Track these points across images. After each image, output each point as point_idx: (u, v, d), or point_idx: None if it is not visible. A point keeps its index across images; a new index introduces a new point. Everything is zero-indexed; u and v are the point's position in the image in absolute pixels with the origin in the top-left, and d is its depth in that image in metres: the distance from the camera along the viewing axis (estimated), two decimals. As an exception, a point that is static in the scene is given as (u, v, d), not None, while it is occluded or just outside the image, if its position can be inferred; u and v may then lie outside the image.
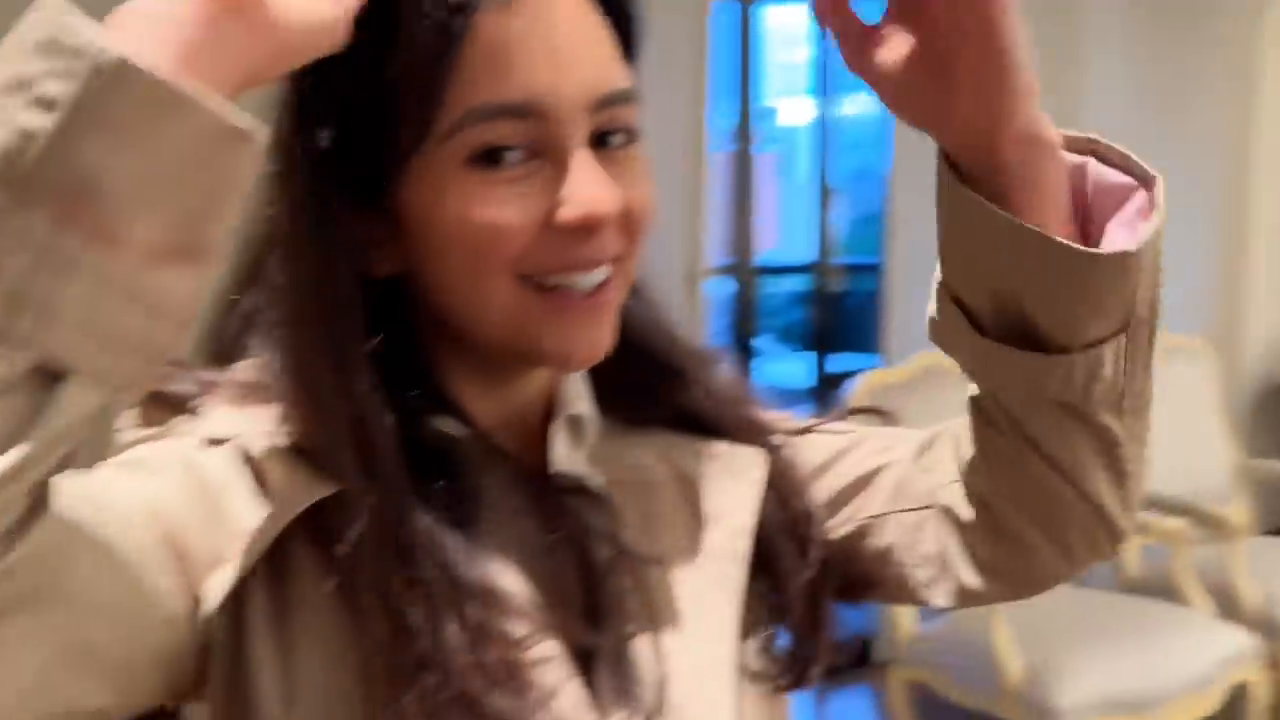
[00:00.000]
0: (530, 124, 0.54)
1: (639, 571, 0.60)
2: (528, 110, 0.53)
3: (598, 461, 0.62)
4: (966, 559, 0.64)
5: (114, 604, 0.48)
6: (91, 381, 0.39)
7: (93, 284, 0.38)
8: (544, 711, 0.53)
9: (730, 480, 0.64)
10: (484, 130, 0.53)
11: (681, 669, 0.58)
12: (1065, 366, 0.55)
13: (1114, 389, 0.56)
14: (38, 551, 0.41)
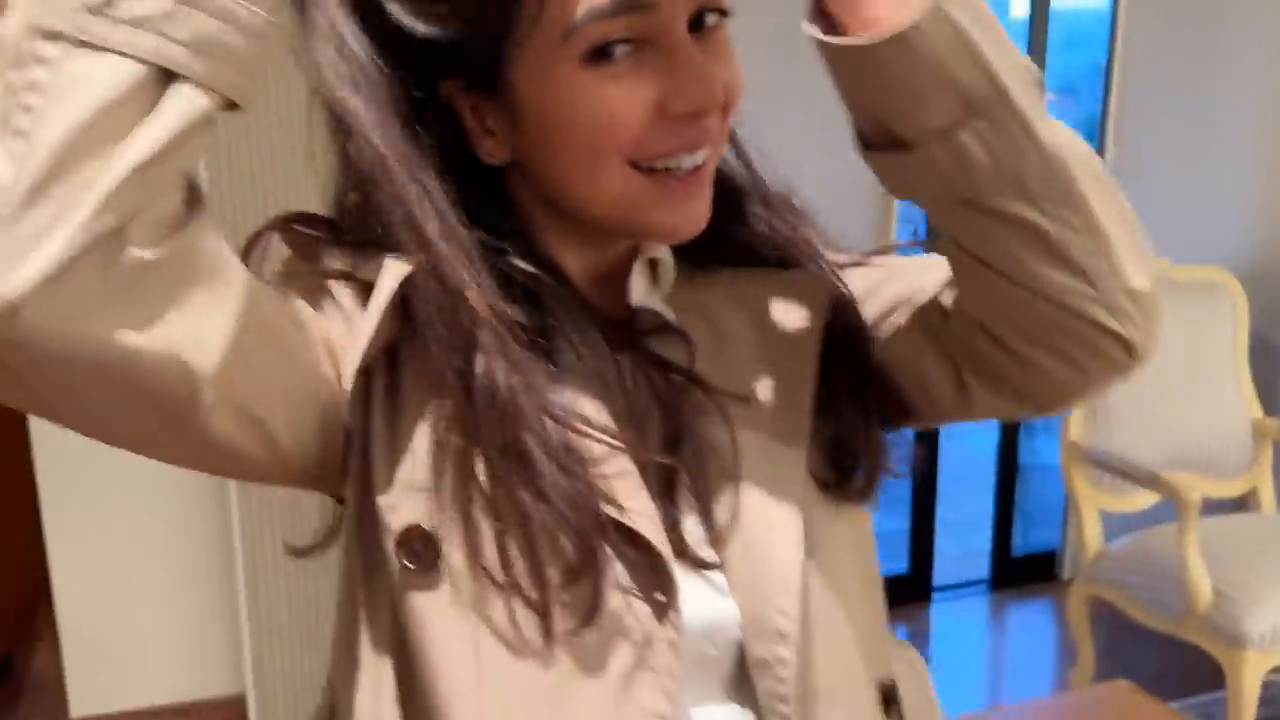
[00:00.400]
0: (642, 17, 0.57)
1: (712, 399, 0.64)
2: (645, 4, 0.57)
3: (674, 303, 0.67)
4: (980, 374, 0.66)
5: (288, 347, 0.56)
6: (201, 86, 0.47)
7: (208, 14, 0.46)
8: (611, 507, 0.58)
9: (795, 306, 0.68)
10: (603, 26, 0.56)
11: (751, 489, 0.63)
12: (928, 159, 0.56)
13: (1000, 173, 0.55)
14: (204, 246, 0.49)
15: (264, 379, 0.54)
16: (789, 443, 0.65)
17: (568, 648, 0.58)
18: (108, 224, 0.45)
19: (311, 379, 0.58)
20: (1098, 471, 2.54)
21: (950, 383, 0.68)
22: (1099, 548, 2.53)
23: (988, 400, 0.67)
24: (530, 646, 0.58)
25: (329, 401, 0.59)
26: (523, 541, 0.57)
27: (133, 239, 0.46)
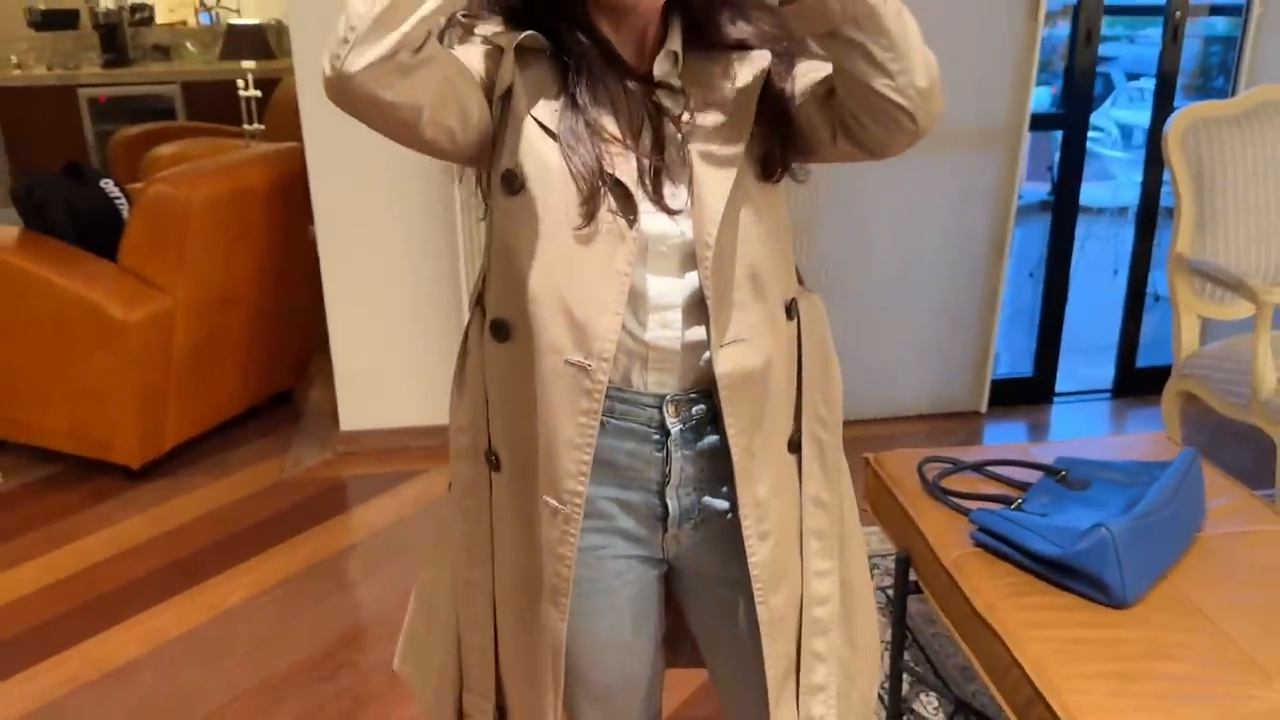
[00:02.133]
0: None
1: (691, 126, 1.10)
2: None
3: (686, 71, 1.12)
4: (846, 133, 1.09)
5: (465, 80, 1.05)
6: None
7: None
8: (609, 168, 1.06)
9: (749, 66, 1.12)
10: None
11: (703, 169, 1.10)
12: (808, 7, 0.97)
13: (844, 14, 0.96)
14: (432, 52, 0.97)
15: (451, 105, 1.03)
16: (732, 145, 1.10)
17: (580, 236, 1.07)
18: (399, 45, 0.92)
19: (475, 102, 1.06)
20: (1200, 281, 2.83)
21: (828, 134, 1.10)
22: (1194, 348, 2.85)
23: (847, 149, 1.10)
24: (562, 233, 1.08)
25: (483, 115, 1.08)
26: (567, 182, 1.07)
27: (405, 52, 0.94)
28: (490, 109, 1.08)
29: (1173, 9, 3.33)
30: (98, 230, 3.12)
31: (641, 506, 1.20)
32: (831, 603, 1.27)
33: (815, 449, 1.28)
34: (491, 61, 1.09)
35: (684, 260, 1.12)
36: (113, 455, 3.07)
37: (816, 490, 1.27)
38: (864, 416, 3.52)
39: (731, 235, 1.11)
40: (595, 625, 1.23)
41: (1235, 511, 1.89)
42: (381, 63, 0.92)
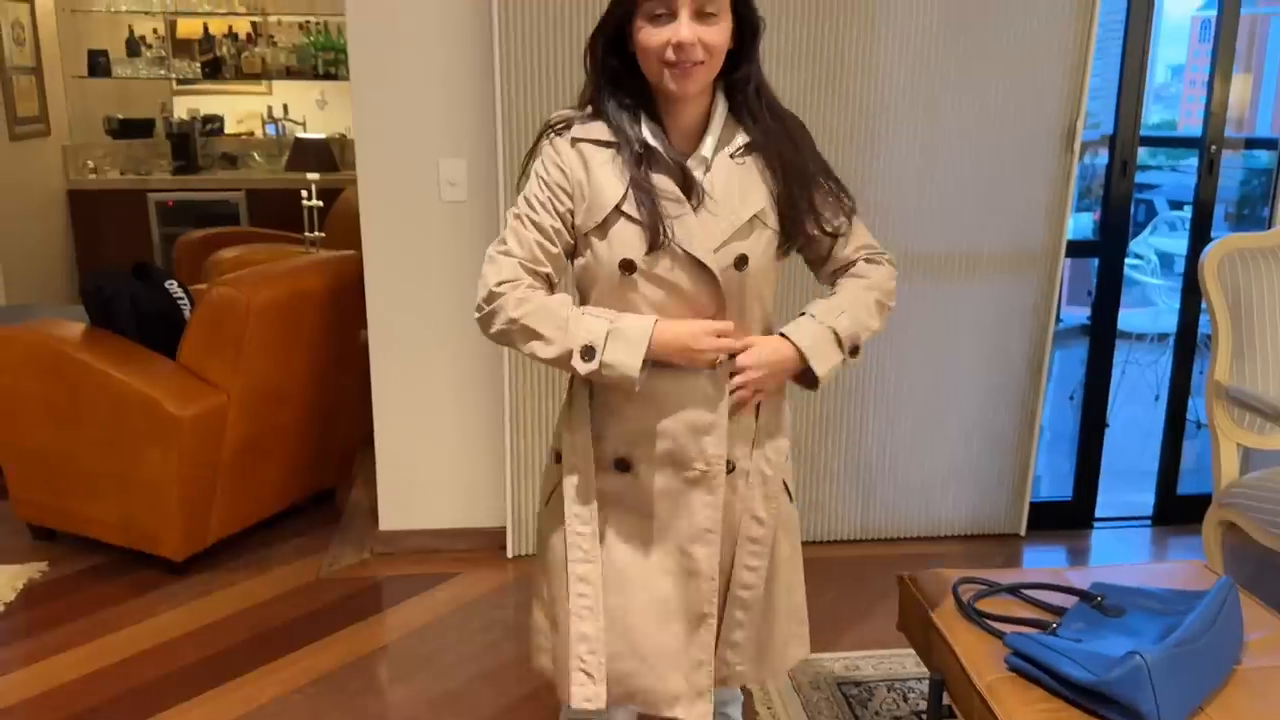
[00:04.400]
0: (667, 2, 1.42)
1: (696, 190, 1.50)
2: (670, 12, 1.42)
3: (719, 162, 1.52)
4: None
5: (562, 251, 1.53)
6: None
7: (596, 368, 1.45)
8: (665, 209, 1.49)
9: (756, 197, 1.54)
10: (653, 4, 1.42)
11: (719, 222, 1.51)
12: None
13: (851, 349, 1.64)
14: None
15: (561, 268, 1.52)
16: (743, 207, 1.51)
17: (641, 279, 1.48)
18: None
19: (564, 252, 1.54)
20: (1240, 410, 2.84)
21: (814, 255, 1.63)
22: (1234, 477, 2.84)
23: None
24: (624, 281, 1.47)
25: (569, 246, 1.55)
26: (630, 239, 1.46)
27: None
28: (570, 231, 1.53)
29: (1208, 142, 3.41)
30: (160, 328, 3.24)
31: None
32: (755, 590, 1.63)
33: (759, 479, 1.63)
34: (559, 203, 1.51)
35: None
36: (158, 548, 3.13)
37: (754, 508, 1.62)
38: (901, 534, 3.51)
39: (749, 273, 1.56)
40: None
41: (1275, 644, 1.86)
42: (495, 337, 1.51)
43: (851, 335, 1.60)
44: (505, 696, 2.58)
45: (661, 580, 1.56)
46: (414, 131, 3.09)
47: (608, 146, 1.49)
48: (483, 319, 1.49)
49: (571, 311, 1.48)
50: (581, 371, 1.45)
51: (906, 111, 3.15)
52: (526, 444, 3.26)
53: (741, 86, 1.51)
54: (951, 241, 3.28)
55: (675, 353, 1.47)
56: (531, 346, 1.47)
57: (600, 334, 1.44)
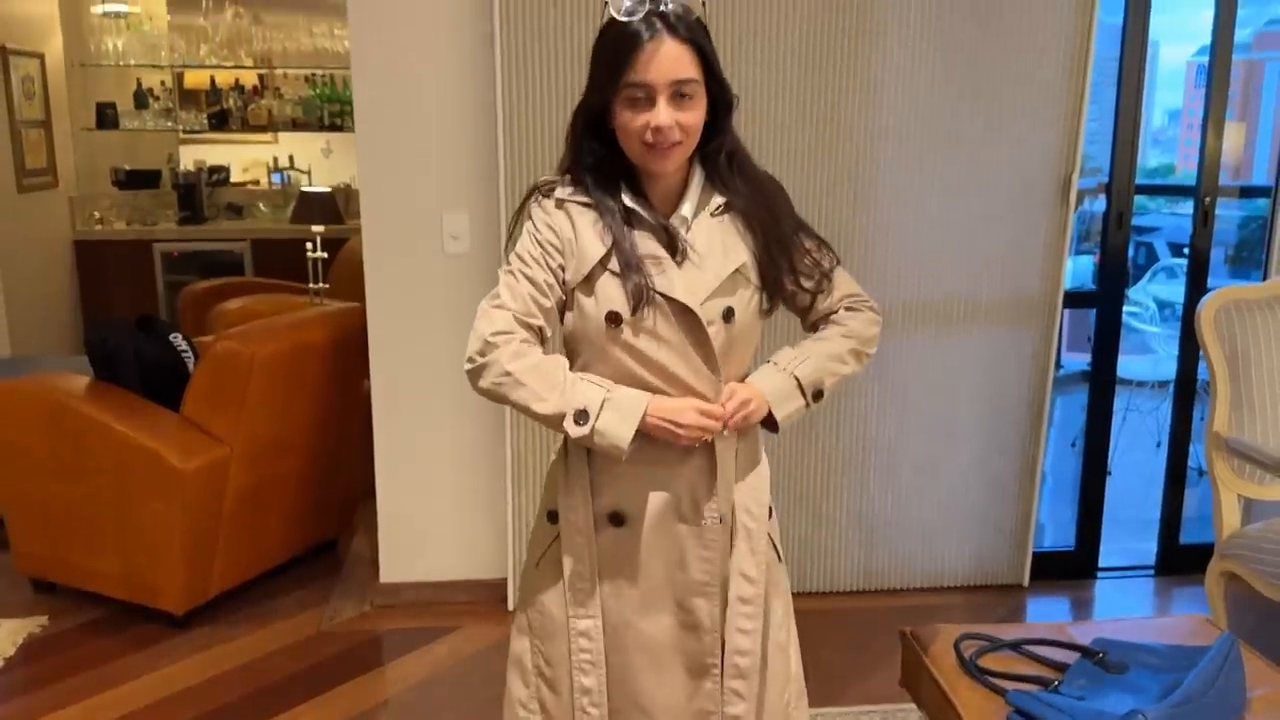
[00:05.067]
0: (646, 88, 1.45)
1: (681, 247, 1.54)
2: (647, 82, 1.44)
3: (700, 221, 1.57)
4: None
5: (553, 306, 1.54)
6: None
7: (587, 433, 1.48)
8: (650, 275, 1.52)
9: (735, 254, 1.57)
10: (632, 89, 1.45)
11: (704, 275, 1.54)
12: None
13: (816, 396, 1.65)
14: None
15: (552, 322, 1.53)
16: (724, 265, 1.55)
17: (628, 332, 1.50)
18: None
19: (556, 306, 1.55)
20: (1240, 461, 2.84)
21: (797, 308, 1.68)
22: (1235, 528, 2.83)
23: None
24: (610, 334, 1.51)
25: (560, 300, 1.56)
26: (616, 293, 1.50)
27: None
28: (561, 287, 1.54)
29: (1202, 193, 3.45)
30: (164, 381, 3.26)
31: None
32: (751, 656, 1.58)
33: (744, 533, 1.60)
34: (551, 259, 1.53)
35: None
36: (159, 602, 3.13)
37: (742, 566, 1.58)
38: (904, 585, 3.50)
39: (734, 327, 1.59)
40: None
41: (1278, 702, 1.86)
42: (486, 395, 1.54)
43: (814, 381, 1.62)
44: (506, 753, 2.56)
45: (660, 636, 1.56)
46: (418, 185, 3.13)
47: (591, 208, 1.53)
48: (474, 370, 1.50)
49: (568, 374, 1.49)
50: (573, 435, 1.47)
51: (902, 162, 3.19)
52: (528, 496, 3.26)
53: (714, 156, 1.55)
54: (949, 290, 3.30)
55: (664, 429, 1.49)
56: (524, 401, 1.48)
57: (596, 401, 1.46)
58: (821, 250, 1.65)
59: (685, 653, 1.58)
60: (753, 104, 3.04)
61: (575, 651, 1.56)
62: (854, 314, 1.69)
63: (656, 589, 1.56)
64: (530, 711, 1.63)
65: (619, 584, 1.56)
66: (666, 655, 1.57)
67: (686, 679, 1.58)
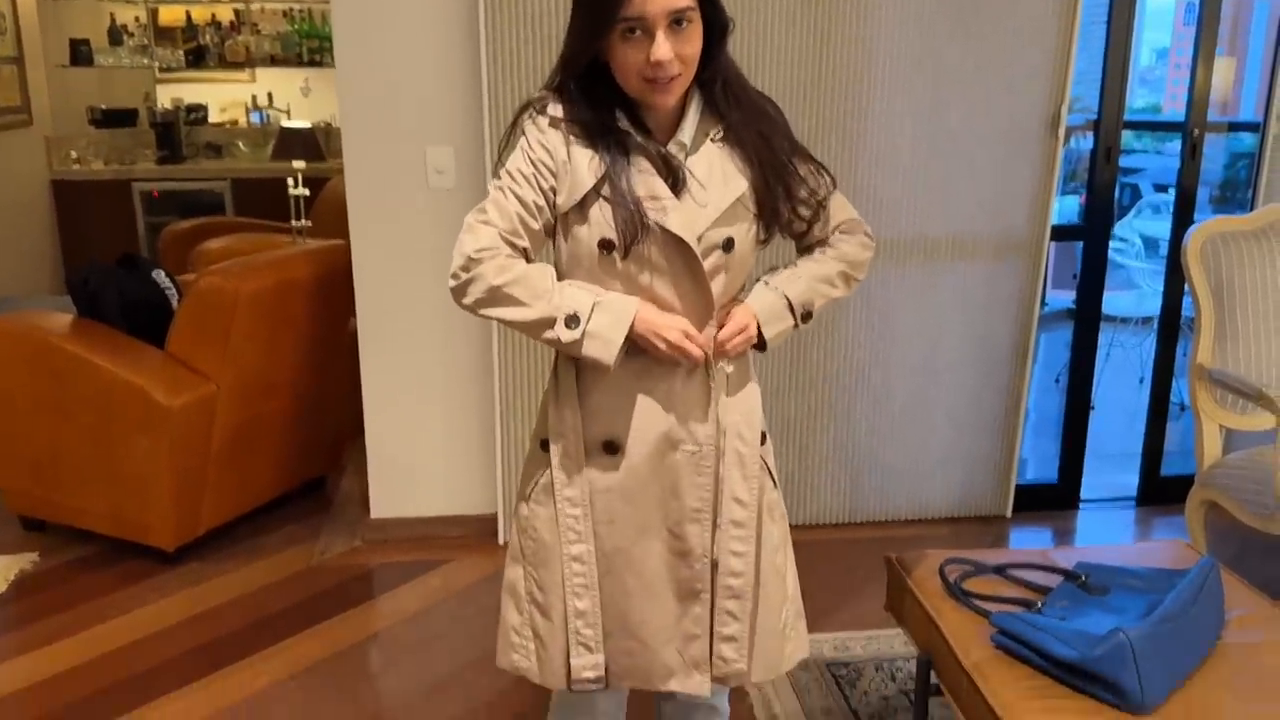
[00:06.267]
0: (642, 21, 1.39)
1: (684, 173, 1.51)
2: (644, 15, 1.39)
3: (693, 145, 1.53)
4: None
5: (536, 236, 1.52)
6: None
7: (578, 337, 1.48)
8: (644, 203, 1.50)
9: (735, 184, 1.55)
10: (628, 24, 1.40)
11: (704, 205, 1.52)
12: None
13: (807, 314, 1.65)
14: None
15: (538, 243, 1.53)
16: (725, 193, 1.53)
17: (622, 260, 1.49)
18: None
19: (544, 229, 1.53)
20: (1222, 391, 2.87)
21: (793, 233, 1.67)
22: (1216, 458, 2.87)
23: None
24: (603, 260, 1.49)
25: (548, 223, 1.54)
26: (609, 220, 1.47)
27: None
28: (551, 210, 1.52)
29: (1190, 126, 3.44)
30: (148, 319, 3.24)
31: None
32: (744, 577, 1.60)
33: (736, 458, 1.59)
34: (543, 179, 1.50)
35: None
36: (149, 538, 3.14)
37: (734, 490, 1.58)
38: (888, 518, 3.54)
39: (732, 255, 1.59)
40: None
41: (1255, 621, 1.90)
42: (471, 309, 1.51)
43: (804, 302, 1.62)
44: (500, 680, 2.60)
45: (651, 562, 1.58)
46: (401, 119, 3.09)
47: (585, 131, 1.49)
48: (459, 286, 1.48)
49: (555, 282, 1.49)
50: (564, 339, 1.46)
51: (891, 99, 3.16)
52: (517, 431, 3.27)
53: (711, 83, 1.52)
54: (937, 228, 3.29)
55: (650, 337, 1.48)
56: (510, 313, 1.46)
57: (586, 304, 1.46)
58: (819, 175, 1.64)
59: (676, 578, 1.59)
60: (740, 47, 3.00)
61: (569, 576, 1.57)
62: (848, 238, 1.68)
63: (649, 516, 1.57)
64: (524, 638, 1.64)
65: (612, 511, 1.57)
66: (657, 581, 1.59)
67: (675, 603, 1.60)
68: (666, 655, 1.59)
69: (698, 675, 1.60)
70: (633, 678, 1.60)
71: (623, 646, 1.59)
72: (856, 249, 1.68)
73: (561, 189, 1.50)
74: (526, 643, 1.64)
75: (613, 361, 1.47)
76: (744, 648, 1.62)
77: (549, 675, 1.61)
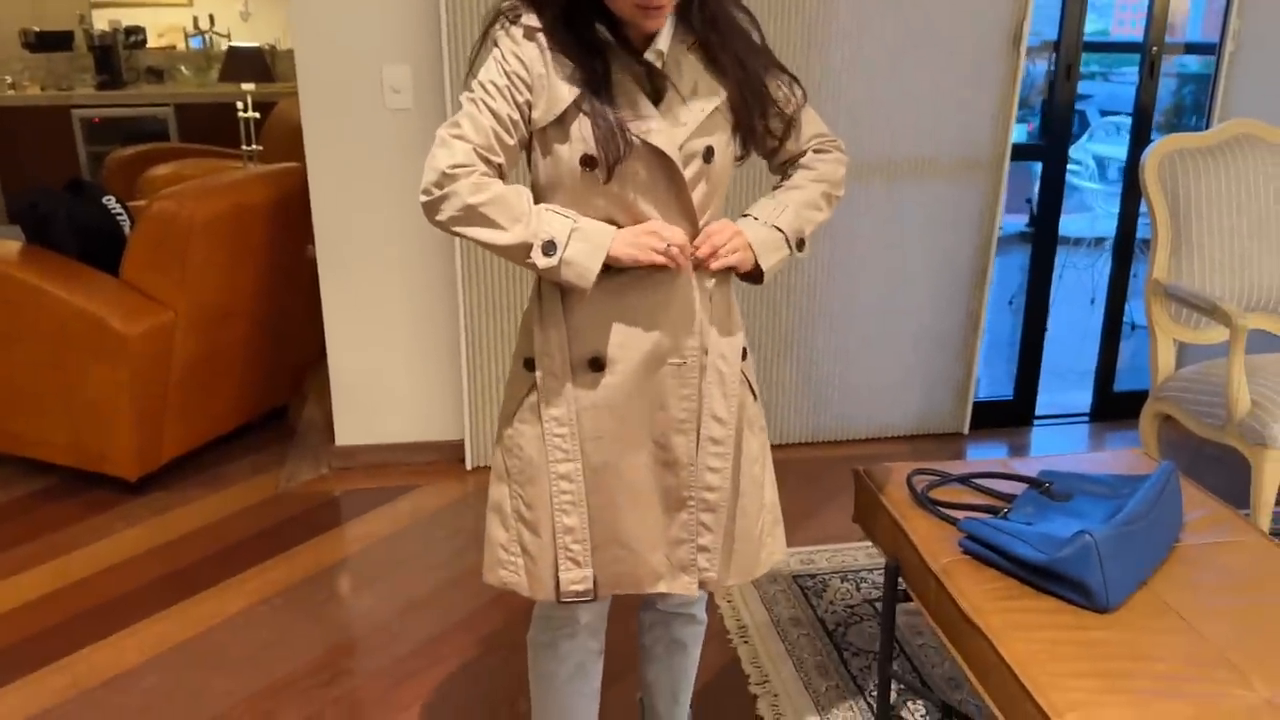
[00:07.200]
0: None
1: (668, 83, 1.49)
2: None
3: (670, 54, 1.49)
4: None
5: (510, 150, 1.49)
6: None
7: (555, 264, 1.46)
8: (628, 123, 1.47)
9: (708, 99, 1.53)
10: None
11: (683, 115, 1.50)
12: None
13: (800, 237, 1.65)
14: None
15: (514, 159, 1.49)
16: (700, 111, 1.50)
17: (604, 176, 1.46)
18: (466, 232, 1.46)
19: (519, 143, 1.50)
20: (1176, 307, 2.93)
21: (765, 150, 1.65)
22: (1169, 371, 2.95)
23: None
24: (584, 177, 1.47)
25: (523, 138, 1.50)
26: (590, 136, 1.44)
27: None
28: (526, 125, 1.48)
29: (1149, 45, 3.46)
30: (99, 246, 3.16)
31: None
32: (720, 491, 1.62)
33: (716, 376, 1.60)
34: (518, 93, 1.46)
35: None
36: (110, 468, 3.10)
37: (714, 408, 1.60)
38: (851, 437, 3.60)
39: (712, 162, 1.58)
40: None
41: (1211, 523, 1.97)
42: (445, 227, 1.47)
43: (796, 230, 1.63)
44: (475, 599, 2.63)
45: (639, 473, 1.59)
46: (355, 38, 3.01)
47: (562, 41, 1.46)
48: (431, 203, 1.44)
49: (531, 205, 1.47)
50: (540, 265, 1.45)
51: (854, 20, 3.14)
52: (482, 354, 3.26)
53: (688, 2, 1.50)
54: (897, 147, 3.30)
55: (630, 248, 1.47)
56: (485, 235, 1.44)
57: (563, 231, 1.45)
58: (791, 88, 1.63)
59: (663, 488, 1.61)
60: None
61: (556, 494, 1.58)
62: (822, 156, 1.68)
63: (636, 429, 1.58)
64: (511, 554, 1.65)
65: (599, 427, 1.57)
66: (644, 491, 1.60)
67: (662, 512, 1.62)
68: (654, 560, 1.62)
69: (685, 577, 1.63)
70: (620, 584, 1.63)
71: (611, 555, 1.61)
72: (833, 166, 1.68)
73: (538, 103, 1.46)
74: (514, 558, 1.65)
75: (588, 288, 1.47)
76: (716, 556, 1.65)
77: (538, 589, 1.63)
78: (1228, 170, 2.92)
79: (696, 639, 1.90)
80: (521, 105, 1.46)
